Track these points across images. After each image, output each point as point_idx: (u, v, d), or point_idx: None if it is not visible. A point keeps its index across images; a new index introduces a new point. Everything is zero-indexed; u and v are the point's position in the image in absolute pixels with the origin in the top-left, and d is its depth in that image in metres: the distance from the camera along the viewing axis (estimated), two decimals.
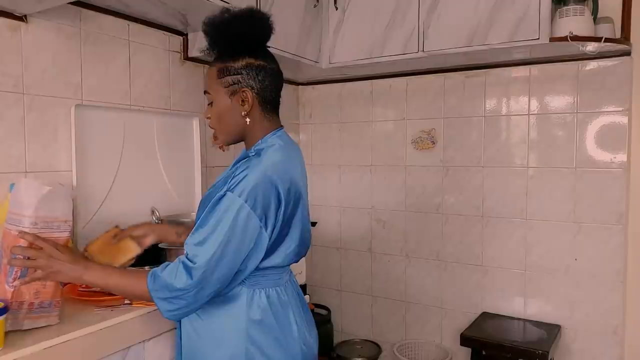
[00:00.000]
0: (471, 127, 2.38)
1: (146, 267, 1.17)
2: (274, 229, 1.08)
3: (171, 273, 1.01)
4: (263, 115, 1.17)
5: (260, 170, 1.06)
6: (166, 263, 1.05)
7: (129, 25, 1.86)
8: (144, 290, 1.02)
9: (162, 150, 2.00)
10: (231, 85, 1.12)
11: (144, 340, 1.25)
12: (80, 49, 1.70)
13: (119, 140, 1.83)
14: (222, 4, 1.71)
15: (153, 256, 1.64)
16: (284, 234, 1.12)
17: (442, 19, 2.07)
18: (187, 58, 2.11)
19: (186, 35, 2.09)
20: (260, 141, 1.16)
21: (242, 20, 1.11)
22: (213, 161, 2.29)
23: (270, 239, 1.07)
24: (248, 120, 1.14)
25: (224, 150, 1.50)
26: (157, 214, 1.90)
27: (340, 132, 2.77)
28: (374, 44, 2.24)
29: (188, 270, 1.00)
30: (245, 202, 1.02)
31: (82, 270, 1.05)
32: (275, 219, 1.07)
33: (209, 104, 1.18)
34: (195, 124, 2.13)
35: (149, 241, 1.35)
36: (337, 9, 2.32)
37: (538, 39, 1.88)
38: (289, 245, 1.14)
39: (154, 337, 1.28)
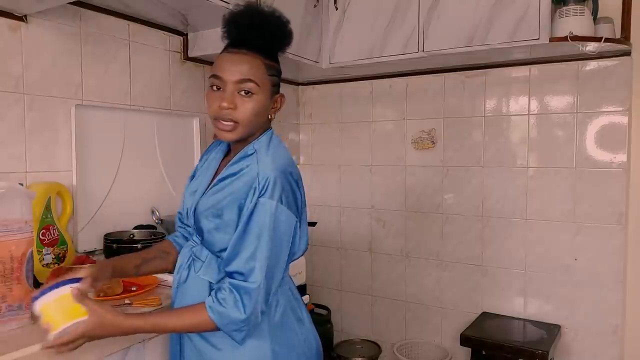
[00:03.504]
0: (471, 127, 2.38)
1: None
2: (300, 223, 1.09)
3: (234, 306, 0.96)
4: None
5: (279, 166, 1.03)
6: (220, 294, 0.98)
7: (129, 25, 1.86)
8: (214, 327, 0.98)
9: (162, 150, 2.00)
10: (274, 85, 1.09)
11: (144, 340, 1.25)
12: (80, 49, 1.70)
13: (119, 140, 1.83)
14: (222, 4, 1.71)
15: None
16: (302, 228, 1.11)
17: (442, 19, 2.07)
18: (187, 58, 2.11)
19: (186, 35, 2.09)
20: (260, 139, 1.12)
21: (283, 22, 1.09)
22: None
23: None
24: (270, 123, 1.12)
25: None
26: (157, 214, 1.90)
27: (340, 132, 2.77)
28: (374, 44, 2.24)
29: (248, 293, 0.97)
30: (280, 202, 1.00)
31: (129, 326, 0.96)
32: (299, 212, 1.07)
33: (243, 93, 1.04)
34: (195, 124, 2.13)
35: (99, 286, 1.14)
36: (337, 9, 2.32)
37: (538, 39, 1.88)
38: (304, 239, 1.12)
39: (154, 337, 1.28)
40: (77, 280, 0.94)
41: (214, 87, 1.06)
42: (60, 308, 0.90)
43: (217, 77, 1.05)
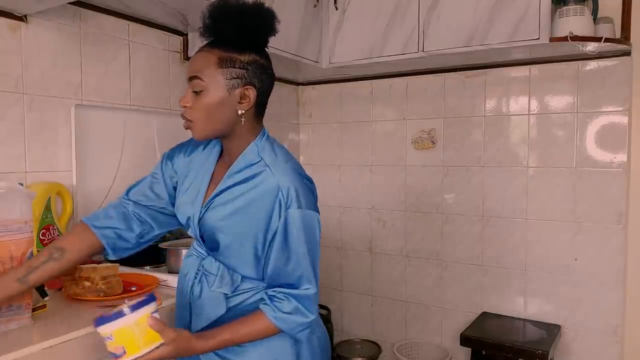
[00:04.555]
0: (471, 127, 2.38)
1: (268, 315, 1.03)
2: None
3: (298, 312, 1.02)
4: (254, 117, 1.09)
5: (293, 171, 1.05)
6: (278, 303, 1.02)
7: (129, 25, 1.86)
8: (279, 332, 1.03)
9: (162, 150, 1.99)
10: (234, 78, 1.02)
11: None
12: (80, 49, 1.70)
13: (118, 140, 1.83)
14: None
15: (153, 257, 1.64)
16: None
17: (442, 19, 2.07)
18: (187, 58, 2.11)
19: (186, 35, 2.09)
20: (257, 142, 1.09)
21: (255, 13, 1.03)
22: None
23: None
24: (243, 119, 1.05)
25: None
26: None
27: (340, 132, 2.77)
28: (374, 44, 2.24)
29: (307, 298, 1.03)
30: (307, 208, 1.03)
31: (201, 349, 0.99)
32: (317, 206, 1.10)
33: (194, 91, 1.03)
34: None
35: None
36: (337, 9, 2.32)
37: (538, 39, 1.88)
38: None
39: None
40: (147, 302, 0.91)
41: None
42: (139, 332, 0.89)
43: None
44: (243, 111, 1.04)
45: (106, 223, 1.14)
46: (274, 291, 1.03)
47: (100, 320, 0.88)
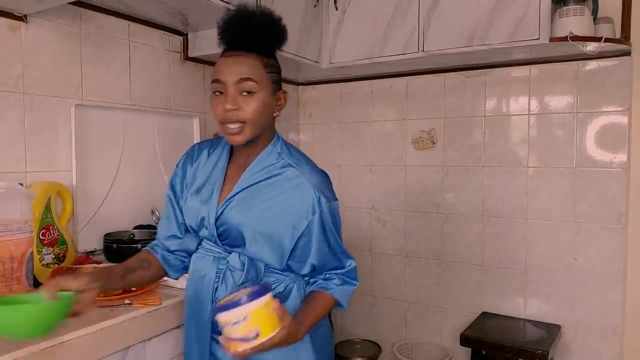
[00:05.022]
0: (471, 127, 2.38)
1: (328, 289, 1.15)
2: None
3: (350, 285, 1.16)
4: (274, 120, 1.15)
5: (314, 168, 1.15)
6: (336, 284, 1.13)
7: (129, 25, 1.86)
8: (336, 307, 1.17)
9: (162, 150, 2.00)
10: (274, 82, 1.09)
11: (144, 340, 1.25)
12: (80, 49, 1.70)
13: (119, 140, 1.83)
14: (222, 4, 1.71)
15: None
16: None
17: (442, 19, 2.07)
18: (187, 58, 2.11)
19: (186, 35, 2.09)
20: (274, 144, 1.15)
21: (278, 21, 1.10)
22: None
23: None
24: (274, 122, 1.14)
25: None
26: (157, 214, 1.90)
27: (340, 132, 2.77)
28: (374, 44, 2.24)
29: (350, 272, 1.16)
30: (333, 200, 1.12)
31: (302, 333, 1.04)
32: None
33: (245, 93, 1.05)
34: (195, 123, 2.13)
35: (90, 297, 0.96)
36: (337, 9, 2.32)
37: (538, 39, 1.88)
38: None
39: (154, 337, 1.28)
40: (267, 289, 0.93)
41: (217, 92, 1.06)
42: (269, 315, 0.92)
43: (218, 81, 1.05)
44: (278, 113, 1.11)
45: (160, 252, 1.22)
46: (326, 275, 1.14)
47: (235, 303, 0.88)
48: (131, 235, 1.76)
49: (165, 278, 1.44)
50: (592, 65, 2.10)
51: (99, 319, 1.14)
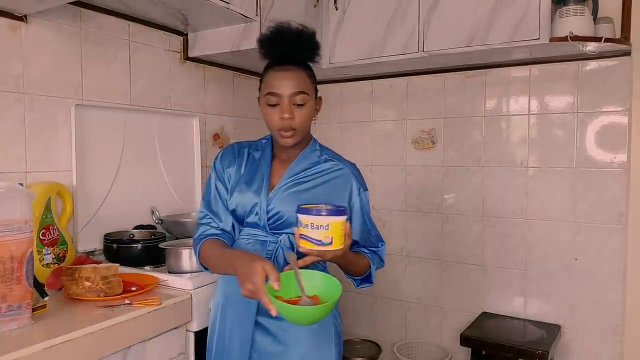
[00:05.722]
0: (471, 127, 2.38)
1: (366, 252, 1.31)
2: None
3: (379, 262, 1.34)
4: None
5: (352, 163, 1.33)
6: (371, 257, 1.29)
7: (129, 25, 1.86)
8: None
9: (162, 150, 2.00)
10: (315, 91, 1.25)
11: (144, 340, 1.25)
12: (80, 49, 1.70)
13: (119, 140, 1.83)
14: (222, 4, 1.71)
15: (153, 257, 1.65)
16: None
17: (442, 19, 2.07)
18: (187, 58, 2.11)
19: (186, 35, 2.09)
20: (313, 144, 1.33)
21: (312, 35, 1.23)
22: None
23: None
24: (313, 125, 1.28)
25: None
26: (157, 214, 1.90)
27: (340, 132, 2.77)
28: (374, 44, 2.24)
29: (383, 252, 1.35)
30: (367, 189, 1.31)
31: (345, 255, 1.14)
32: None
33: (298, 105, 1.19)
34: (195, 123, 2.13)
35: None
36: (337, 9, 2.32)
37: (538, 39, 1.88)
38: None
39: (154, 337, 1.28)
40: (345, 211, 1.08)
41: (271, 104, 1.20)
42: (342, 232, 1.07)
43: (274, 94, 1.19)
44: (315, 117, 1.27)
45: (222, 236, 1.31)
46: (366, 249, 1.31)
47: (328, 212, 1.05)
48: (131, 235, 1.76)
49: (165, 278, 1.45)
50: (592, 65, 2.10)
51: (99, 319, 1.14)
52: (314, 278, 1.10)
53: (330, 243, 1.05)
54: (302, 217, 1.07)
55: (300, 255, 1.11)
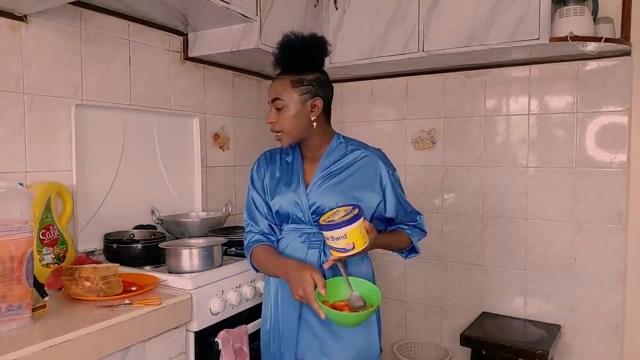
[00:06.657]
0: (471, 127, 2.38)
1: (405, 228, 1.45)
2: None
3: (420, 233, 1.48)
4: (325, 121, 1.41)
5: (374, 147, 1.45)
6: (411, 232, 1.44)
7: (129, 25, 1.86)
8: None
9: (162, 150, 2.00)
10: (304, 94, 1.32)
11: (144, 340, 1.25)
12: (80, 49, 1.70)
13: (119, 140, 1.83)
14: (222, 4, 1.71)
15: (153, 257, 1.65)
16: None
17: (442, 19, 2.07)
18: (187, 58, 2.11)
19: (186, 35, 2.09)
20: (337, 138, 1.46)
21: (313, 42, 1.34)
22: (213, 161, 2.29)
23: None
24: (315, 124, 1.35)
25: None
26: (157, 214, 1.90)
27: (340, 131, 2.74)
28: (374, 44, 2.24)
29: (422, 223, 1.49)
30: (395, 169, 1.42)
31: (376, 239, 1.28)
32: None
33: (277, 109, 1.33)
34: (195, 123, 2.13)
35: None
36: (337, 9, 2.32)
37: (538, 39, 1.88)
38: None
39: (154, 337, 1.28)
40: (359, 215, 1.18)
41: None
42: (361, 233, 1.19)
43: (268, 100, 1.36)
44: (314, 117, 1.35)
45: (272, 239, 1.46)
46: (402, 225, 1.45)
47: (342, 224, 1.16)
48: (131, 235, 1.76)
49: (165, 278, 1.45)
50: (592, 65, 2.10)
51: (98, 319, 1.14)
52: (358, 285, 1.31)
53: (353, 248, 1.19)
54: (325, 233, 1.20)
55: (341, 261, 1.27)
